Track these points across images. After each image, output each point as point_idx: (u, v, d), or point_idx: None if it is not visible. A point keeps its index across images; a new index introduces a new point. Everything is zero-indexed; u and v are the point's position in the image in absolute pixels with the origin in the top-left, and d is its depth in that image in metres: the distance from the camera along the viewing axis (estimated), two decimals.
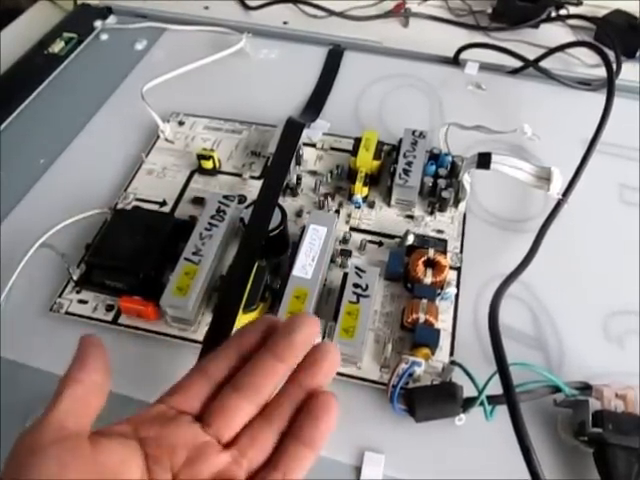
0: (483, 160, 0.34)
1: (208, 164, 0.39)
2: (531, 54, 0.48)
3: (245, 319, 0.31)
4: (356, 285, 0.31)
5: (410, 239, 0.34)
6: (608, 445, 0.26)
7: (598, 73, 0.48)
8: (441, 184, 0.37)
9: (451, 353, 0.31)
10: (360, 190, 0.37)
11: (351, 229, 0.37)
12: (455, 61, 0.50)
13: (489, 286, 0.32)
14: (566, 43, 0.48)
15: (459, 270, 0.34)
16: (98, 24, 0.55)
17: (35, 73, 0.49)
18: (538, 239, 0.34)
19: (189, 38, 0.53)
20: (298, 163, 0.40)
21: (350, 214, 0.37)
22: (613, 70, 0.44)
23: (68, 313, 0.33)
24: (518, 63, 0.48)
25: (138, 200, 0.38)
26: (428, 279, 0.32)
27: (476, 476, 0.27)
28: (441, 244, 0.34)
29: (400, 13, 0.56)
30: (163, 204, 0.38)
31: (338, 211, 0.38)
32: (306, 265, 0.32)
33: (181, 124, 0.44)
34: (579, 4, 0.55)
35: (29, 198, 0.39)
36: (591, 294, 0.34)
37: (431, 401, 0.28)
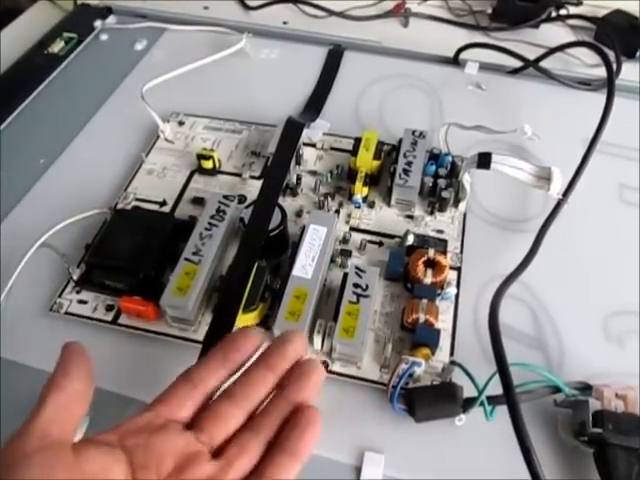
0: (483, 160, 0.34)
1: (208, 164, 0.39)
2: (531, 54, 0.48)
3: (245, 319, 0.31)
4: (356, 285, 0.31)
5: (410, 239, 0.34)
6: (608, 445, 0.26)
7: (598, 73, 0.48)
8: (441, 184, 0.37)
9: (451, 353, 0.31)
10: (360, 190, 0.37)
11: (351, 229, 0.37)
12: (455, 61, 0.50)
13: (489, 286, 0.32)
14: (566, 43, 0.48)
15: (459, 270, 0.34)
16: (98, 24, 0.54)
17: (35, 73, 0.49)
18: (538, 239, 0.34)
19: (189, 38, 0.53)
20: (298, 163, 0.40)
21: (350, 214, 0.37)
22: (613, 70, 0.44)
23: (68, 313, 0.33)
24: (518, 63, 0.48)
25: (138, 200, 0.38)
26: (428, 279, 0.32)
27: (476, 476, 0.27)
28: (441, 244, 0.34)
29: (400, 13, 0.56)
30: (163, 204, 0.38)
31: (338, 211, 0.37)
32: (306, 265, 0.32)
33: (181, 124, 0.44)
34: (579, 4, 0.55)
35: (29, 198, 0.39)
36: (591, 294, 0.34)
37: (431, 401, 0.28)
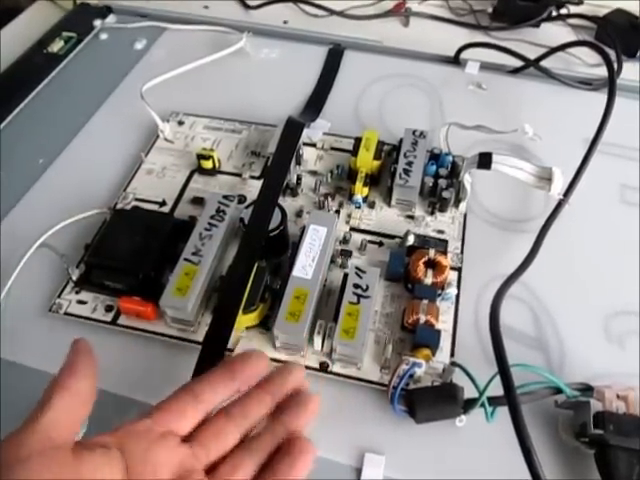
0: (484, 160, 0.34)
1: (208, 164, 0.39)
2: (532, 53, 0.48)
3: (245, 320, 0.31)
4: (356, 286, 0.31)
5: (410, 239, 0.34)
6: (609, 446, 0.26)
7: (599, 73, 0.48)
8: (442, 184, 0.37)
9: (452, 354, 0.31)
10: (360, 190, 0.37)
11: (351, 229, 0.36)
12: (456, 60, 0.50)
13: (490, 287, 0.32)
14: (567, 42, 0.48)
15: (460, 270, 0.34)
16: (97, 23, 0.54)
17: (34, 72, 0.49)
18: (539, 239, 0.34)
19: (189, 37, 0.53)
20: (298, 163, 0.40)
21: (350, 214, 0.37)
22: (614, 70, 0.43)
23: (67, 314, 0.32)
24: (519, 63, 0.48)
25: (137, 200, 0.38)
26: (429, 280, 0.32)
27: (477, 477, 0.27)
28: (442, 244, 0.34)
29: (400, 12, 0.56)
30: (163, 204, 0.38)
31: (338, 211, 0.37)
32: (306, 265, 0.31)
33: (181, 124, 0.44)
34: (580, 3, 0.55)
35: (28, 198, 0.39)
36: (592, 294, 0.34)
37: (432, 402, 0.28)
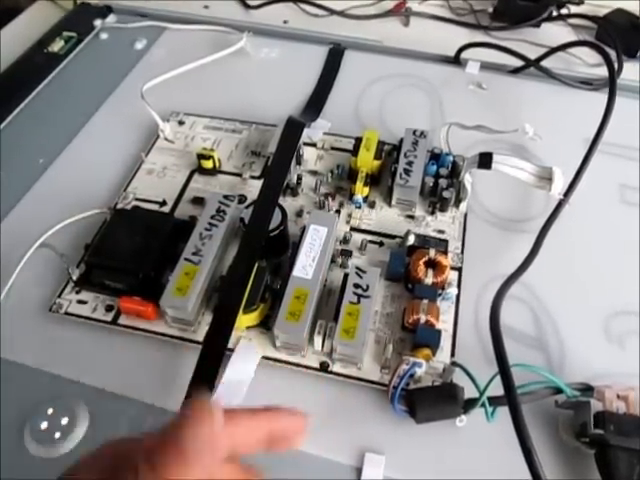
0: (484, 160, 0.34)
1: (208, 164, 0.39)
2: (532, 53, 0.48)
3: (245, 319, 0.31)
4: (357, 285, 0.31)
5: (411, 239, 0.34)
6: (609, 446, 0.26)
7: (599, 72, 0.48)
8: (442, 184, 0.37)
9: (452, 354, 0.31)
10: (361, 190, 0.37)
11: (352, 229, 0.36)
12: (456, 60, 0.50)
13: (490, 287, 0.32)
14: (567, 42, 0.48)
15: (460, 270, 0.34)
16: (98, 23, 0.54)
17: (34, 72, 0.49)
18: (539, 239, 0.34)
19: (189, 37, 0.53)
20: (298, 163, 0.40)
21: (351, 214, 0.37)
22: (615, 69, 0.43)
23: (67, 313, 0.32)
24: (519, 62, 0.48)
25: (138, 200, 0.38)
26: (429, 279, 0.32)
27: (477, 477, 0.27)
28: (442, 244, 0.34)
29: (401, 12, 0.56)
30: (163, 204, 0.38)
31: (339, 211, 0.37)
32: (306, 265, 0.31)
33: (181, 124, 0.44)
34: (580, 3, 0.55)
35: (28, 198, 0.39)
36: (592, 294, 0.34)
37: (432, 402, 0.28)
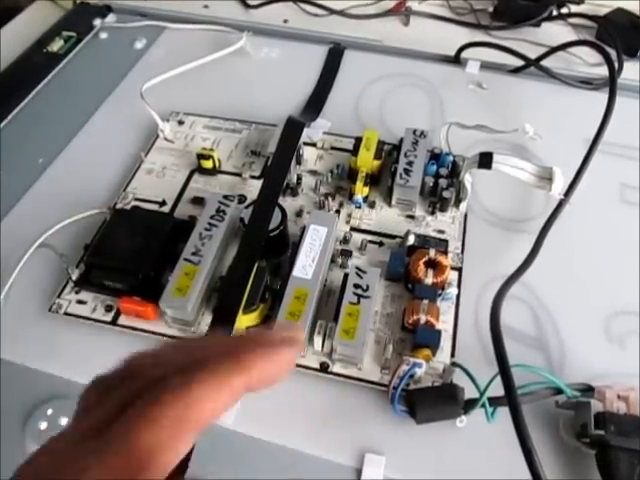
0: (484, 160, 0.34)
1: (208, 164, 0.39)
2: (532, 53, 0.48)
3: (245, 320, 0.31)
4: (357, 286, 0.31)
5: (411, 239, 0.34)
6: (610, 447, 0.26)
7: (600, 72, 0.48)
8: (442, 184, 0.37)
9: (452, 354, 0.31)
10: (361, 190, 0.37)
11: (352, 229, 0.36)
12: (456, 60, 0.50)
13: (490, 287, 0.32)
14: (568, 42, 0.48)
15: (460, 271, 0.34)
16: (97, 23, 0.54)
17: (34, 72, 0.49)
18: (539, 239, 0.34)
19: (189, 37, 0.53)
20: (298, 163, 0.40)
21: (351, 214, 0.37)
22: (615, 69, 0.43)
23: (67, 314, 0.32)
24: (519, 62, 0.48)
25: (137, 200, 0.38)
26: (429, 280, 0.32)
27: (477, 478, 0.27)
28: (442, 244, 0.34)
29: (401, 12, 0.56)
30: (162, 204, 0.38)
31: (338, 211, 0.37)
32: (306, 265, 0.31)
33: (181, 123, 0.44)
34: (581, 2, 0.55)
35: (28, 198, 0.39)
36: (592, 294, 0.34)
37: (432, 403, 0.28)
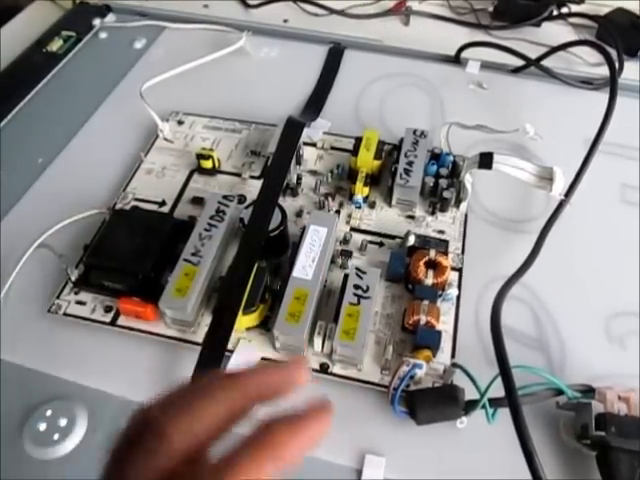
0: (485, 160, 0.34)
1: (207, 164, 0.39)
2: (533, 53, 0.48)
3: (245, 320, 0.31)
4: (357, 286, 0.31)
5: (411, 240, 0.34)
6: (611, 448, 0.26)
7: (600, 72, 0.48)
8: (442, 184, 0.37)
9: (452, 355, 0.31)
10: (361, 190, 0.37)
11: (352, 229, 0.36)
12: (456, 60, 0.50)
13: (491, 287, 0.32)
14: (568, 42, 0.48)
15: (460, 271, 0.34)
16: (97, 22, 0.54)
17: (33, 72, 0.49)
18: (540, 240, 0.34)
19: (188, 36, 0.52)
20: (298, 163, 0.40)
21: (351, 214, 0.37)
22: (615, 69, 0.43)
23: (66, 314, 0.32)
24: (520, 62, 0.48)
25: (137, 200, 0.38)
26: (429, 280, 0.32)
27: (478, 478, 0.27)
28: (442, 245, 0.34)
29: (401, 11, 0.56)
30: (162, 204, 0.38)
31: (339, 211, 0.37)
32: (306, 266, 0.31)
33: (180, 123, 0.44)
34: (581, 2, 0.55)
35: (27, 198, 0.39)
36: (593, 295, 0.34)
37: (432, 404, 0.28)
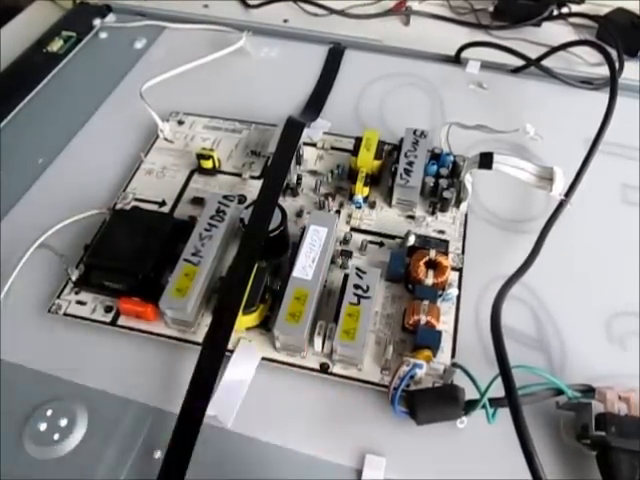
0: (485, 160, 0.34)
1: (208, 164, 0.39)
2: (533, 53, 0.48)
3: (245, 320, 0.31)
4: (357, 286, 0.31)
5: (411, 240, 0.34)
6: (611, 448, 0.26)
7: (600, 72, 0.48)
8: (442, 184, 0.36)
9: (453, 355, 0.31)
10: (361, 190, 0.37)
11: (352, 229, 0.36)
12: (456, 60, 0.50)
13: (491, 287, 0.32)
14: (568, 42, 0.48)
15: (461, 271, 0.34)
16: (97, 22, 0.54)
17: (34, 72, 0.49)
18: (540, 240, 0.34)
19: (189, 37, 0.52)
20: (298, 163, 0.40)
21: (351, 214, 0.37)
22: (615, 69, 0.43)
23: (67, 314, 0.32)
24: (520, 62, 0.48)
25: (137, 200, 0.38)
26: (429, 280, 0.32)
27: (478, 478, 0.27)
28: (442, 245, 0.34)
29: (401, 11, 0.56)
30: (162, 204, 0.38)
31: (339, 211, 0.37)
32: (306, 266, 0.31)
33: (180, 123, 0.44)
34: (581, 2, 0.55)
35: (27, 198, 0.39)
36: (593, 295, 0.34)
37: (432, 404, 0.28)
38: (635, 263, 0.35)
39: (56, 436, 0.28)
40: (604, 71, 0.45)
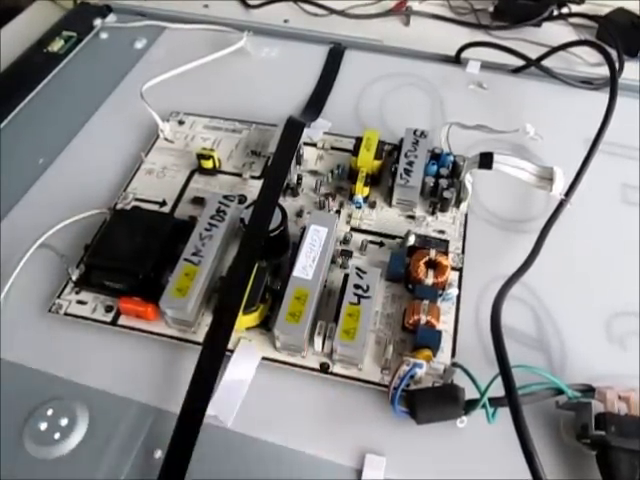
0: (485, 160, 0.34)
1: (208, 164, 0.39)
2: (533, 53, 0.48)
3: (245, 320, 0.31)
4: (357, 286, 0.31)
5: (411, 240, 0.34)
6: (611, 448, 0.26)
7: (600, 72, 0.48)
8: (443, 184, 0.37)
9: (453, 355, 0.31)
10: (361, 190, 0.37)
11: (352, 229, 0.36)
12: (457, 60, 0.50)
13: (491, 287, 0.32)
14: (568, 42, 0.48)
15: (461, 271, 0.34)
16: (97, 23, 0.54)
17: (34, 72, 0.49)
18: (540, 240, 0.34)
19: (189, 37, 0.52)
20: (299, 163, 0.40)
21: (351, 214, 0.37)
22: (615, 69, 0.43)
23: (67, 314, 0.32)
24: (520, 62, 0.48)
25: (137, 200, 0.38)
26: (429, 280, 0.32)
27: (478, 478, 0.27)
28: (443, 245, 0.34)
29: (401, 11, 0.56)
30: (163, 204, 0.38)
31: (339, 211, 0.37)
32: (307, 266, 0.31)
33: (181, 123, 0.44)
34: (581, 2, 0.55)
35: (28, 198, 0.39)
36: (593, 295, 0.34)
37: (432, 403, 0.28)
38: (635, 263, 0.35)
39: (56, 436, 0.28)
40: (604, 71, 0.45)
